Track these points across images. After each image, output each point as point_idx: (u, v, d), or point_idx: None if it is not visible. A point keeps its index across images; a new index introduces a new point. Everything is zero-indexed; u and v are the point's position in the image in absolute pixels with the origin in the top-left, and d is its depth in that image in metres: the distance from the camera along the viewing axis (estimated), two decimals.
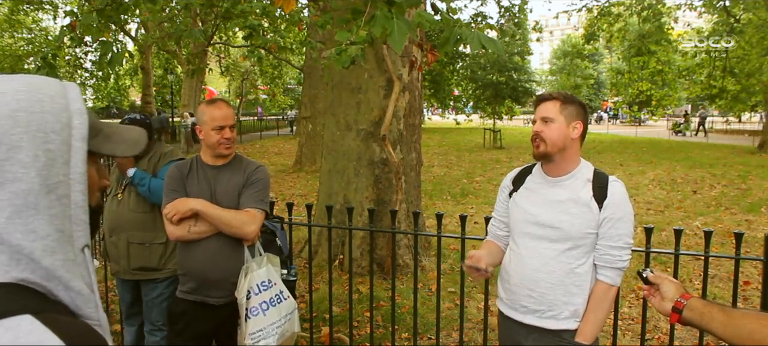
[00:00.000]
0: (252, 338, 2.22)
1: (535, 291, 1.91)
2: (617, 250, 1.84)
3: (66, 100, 0.71)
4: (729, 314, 1.18)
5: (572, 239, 1.85)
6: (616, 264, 1.85)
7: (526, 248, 1.94)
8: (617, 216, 1.83)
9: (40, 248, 0.65)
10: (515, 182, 2.06)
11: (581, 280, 1.87)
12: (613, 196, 1.84)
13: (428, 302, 4.43)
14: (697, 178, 11.96)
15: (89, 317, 0.70)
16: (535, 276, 1.90)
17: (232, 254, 2.27)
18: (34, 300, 0.64)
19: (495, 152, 18.59)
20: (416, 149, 5.69)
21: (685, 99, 36.26)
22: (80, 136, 0.71)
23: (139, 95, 34.63)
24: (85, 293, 0.70)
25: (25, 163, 0.65)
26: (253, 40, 6.17)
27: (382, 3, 2.30)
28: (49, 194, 0.67)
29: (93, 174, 0.78)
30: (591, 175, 1.90)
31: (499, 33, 16.73)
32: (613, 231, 1.83)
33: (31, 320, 0.61)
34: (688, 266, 5.46)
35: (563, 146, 1.88)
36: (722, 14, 18.53)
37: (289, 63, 22.57)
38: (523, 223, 1.96)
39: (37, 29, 25.07)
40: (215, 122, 2.26)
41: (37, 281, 0.65)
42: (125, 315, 3.09)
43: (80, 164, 0.71)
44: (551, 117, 1.88)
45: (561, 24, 41.34)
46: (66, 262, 0.68)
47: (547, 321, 1.91)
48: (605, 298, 1.87)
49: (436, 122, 41.43)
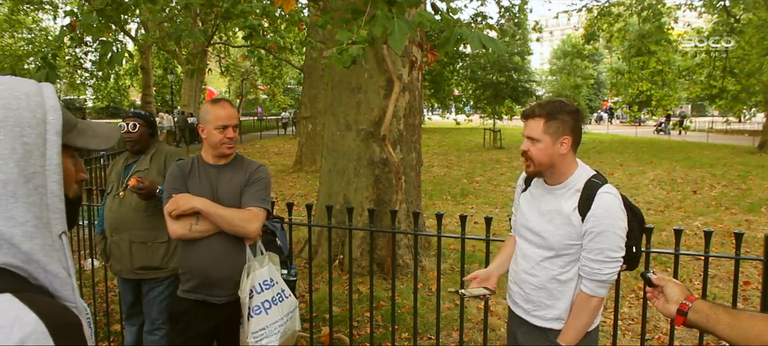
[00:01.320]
0: (254, 337, 2.22)
1: (523, 290, 2.02)
2: (597, 263, 1.82)
3: (41, 98, 0.77)
4: (735, 316, 1.17)
5: (554, 249, 1.89)
6: (595, 276, 1.84)
7: (520, 249, 2.05)
8: (598, 230, 1.80)
9: (20, 234, 0.71)
10: (526, 182, 2.10)
11: (564, 287, 1.91)
12: (596, 209, 1.80)
13: (428, 302, 4.43)
14: (697, 178, 11.96)
15: (67, 299, 0.75)
16: (522, 276, 2.01)
17: (233, 253, 2.27)
18: (15, 282, 0.69)
19: (495, 152, 18.59)
20: (416, 149, 5.69)
21: (685, 99, 36.25)
22: (54, 131, 0.77)
23: (139, 95, 34.61)
24: (63, 276, 0.75)
25: (4, 155, 0.70)
26: (253, 40, 6.18)
27: (383, 3, 2.30)
28: (26, 183, 0.72)
29: (69, 167, 0.84)
30: (582, 185, 1.87)
31: (499, 33, 16.72)
32: (592, 244, 1.82)
33: (10, 298, 0.66)
34: (688, 266, 5.46)
35: (551, 163, 1.88)
36: (722, 14, 18.53)
37: (289, 63, 22.55)
38: (520, 225, 2.05)
39: (37, 29, 25.04)
40: (219, 121, 2.26)
41: (19, 265, 0.71)
42: (126, 315, 3.07)
43: (55, 156, 0.77)
44: (536, 137, 1.86)
45: (561, 24, 41.32)
46: (44, 247, 0.73)
47: (534, 318, 2.00)
48: (585, 307, 1.88)
49: (436, 122, 41.42)
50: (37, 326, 0.64)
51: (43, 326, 0.65)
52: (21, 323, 0.63)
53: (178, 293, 2.39)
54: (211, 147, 2.32)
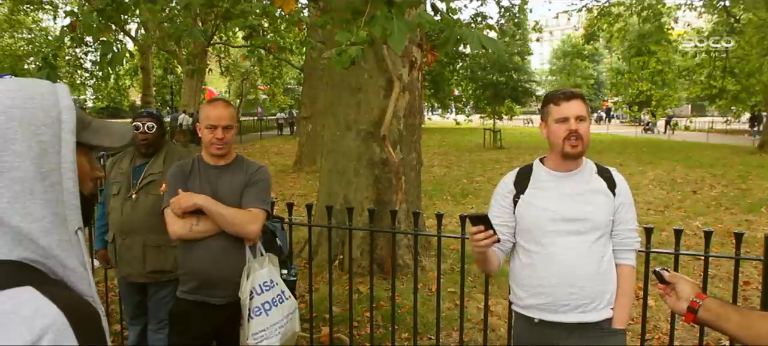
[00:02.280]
0: (254, 339, 2.23)
1: (575, 286, 1.86)
2: (634, 232, 1.95)
3: (56, 98, 0.79)
4: (746, 315, 1.17)
5: (600, 229, 1.90)
6: (634, 246, 1.95)
7: (557, 246, 1.88)
8: (628, 201, 1.95)
9: (38, 229, 0.72)
10: (518, 185, 1.99)
11: (610, 266, 1.93)
12: (621, 183, 1.95)
13: (428, 302, 4.44)
14: (697, 178, 11.96)
15: (84, 293, 0.77)
16: (574, 272, 1.86)
17: (233, 254, 2.27)
18: (35, 276, 0.71)
19: (495, 152, 18.60)
20: (416, 149, 5.69)
21: (685, 99, 36.27)
22: (69, 129, 0.79)
23: (139, 95, 34.60)
24: (80, 271, 0.77)
25: (20, 153, 0.72)
26: (253, 40, 6.18)
27: (382, 3, 2.30)
28: (43, 180, 0.74)
29: (84, 164, 0.86)
30: (594, 167, 1.99)
31: (499, 33, 16.74)
32: (628, 215, 1.93)
33: (32, 291, 0.68)
34: (688, 266, 5.46)
35: (589, 143, 1.94)
36: (722, 14, 18.55)
37: (289, 63, 22.56)
38: (546, 222, 1.90)
39: (37, 29, 25.04)
40: (208, 121, 2.25)
41: (38, 259, 0.73)
42: (131, 315, 3.02)
43: (70, 154, 0.78)
44: (584, 115, 1.90)
45: (561, 24, 41.27)
46: (61, 242, 0.75)
47: (589, 314, 1.88)
48: (632, 280, 1.96)
49: (436, 122, 41.43)
50: (58, 318, 0.66)
51: (64, 318, 0.66)
52: (42, 314, 0.65)
53: (178, 294, 2.39)
54: (204, 147, 2.33)
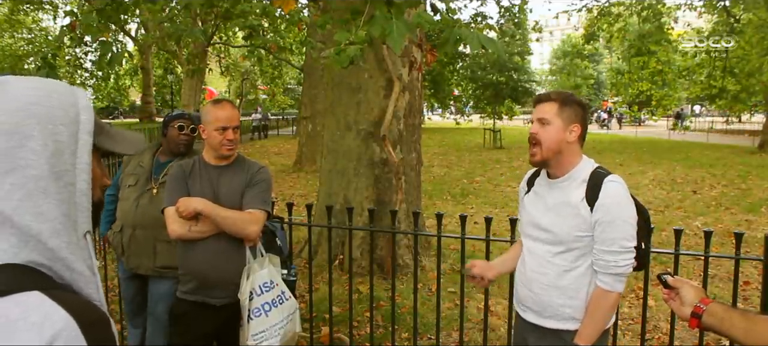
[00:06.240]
0: (255, 339, 2.22)
1: (532, 291, 1.93)
2: (611, 255, 1.77)
3: (74, 98, 0.79)
4: (751, 319, 1.16)
5: (564, 243, 1.84)
6: (610, 269, 1.78)
7: (527, 249, 1.98)
8: (608, 219, 1.75)
9: (48, 230, 0.71)
10: (529, 183, 2.06)
11: (578, 283, 1.84)
12: (605, 198, 1.76)
13: (428, 302, 4.43)
14: (697, 178, 11.96)
15: (91, 298, 0.76)
16: (531, 276, 1.93)
17: (233, 255, 2.27)
18: (42, 280, 0.70)
19: (495, 152, 18.59)
20: (416, 149, 5.69)
21: (685, 99, 36.28)
22: (86, 131, 0.79)
23: (139, 95, 34.62)
24: (87, 274, 0.76)
25: (36, 150, 0.72)
26: (253, 40, 6.19)
27: (382, 3, 2.30)
28: (57, 180, 0.73)
29: (95, 169, 0.84)
30: (587, 175, 1.84)
31: (499, 33, 16.74)
32: (604, 235, 1.77)
33: (39, 295, 0.67)
34: (688, 266, 5.46)
35: (559, 150, 1.85)
36: (722, 14, 18.55)
37: (289, 63, 22.56)
38: (526, 224, 1.99)
39: (37, 29, 25.09)
40: (219, 123, 2.25)
41: (44, 262, 0.71)
42: (133, 313, 3.01)
43: (86, 156, 0.78)
44: (548, 119, 1.84)
45: (561, 24, 41.33)
46: (70, 245, 0.74)
47: (547, 320, 1.91)
48: (603, 303, 1.82)
49: (436, 122, 41.41)
50: (68, 323, 0.65)
51: (74, 323, 0.66)
52: (52, 320, 0.64)
53: (178, 294, 2.39)
54: (212, 148, 2.32)
